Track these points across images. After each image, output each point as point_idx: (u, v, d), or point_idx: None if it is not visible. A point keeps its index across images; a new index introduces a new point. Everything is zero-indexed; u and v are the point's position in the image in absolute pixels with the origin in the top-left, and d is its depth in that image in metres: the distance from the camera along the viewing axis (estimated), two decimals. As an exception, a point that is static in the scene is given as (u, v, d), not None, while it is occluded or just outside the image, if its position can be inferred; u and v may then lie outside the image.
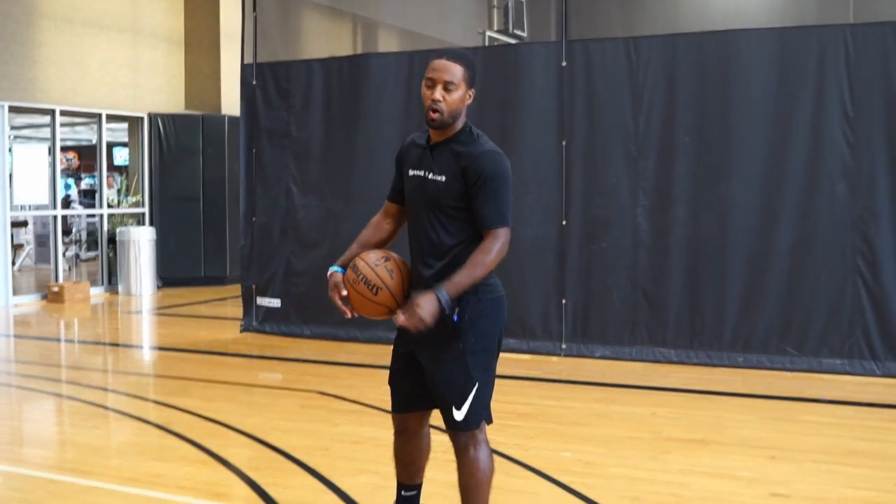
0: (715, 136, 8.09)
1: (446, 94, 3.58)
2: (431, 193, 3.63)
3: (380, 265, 3.64)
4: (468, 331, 3.60)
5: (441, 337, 3.59)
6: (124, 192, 14.96)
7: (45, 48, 13.11)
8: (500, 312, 3.72)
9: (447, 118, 3.59)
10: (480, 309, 3.62)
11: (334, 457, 5.43)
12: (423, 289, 3.58)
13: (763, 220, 7.96)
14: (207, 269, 14.76)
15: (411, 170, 3.75)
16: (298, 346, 9.17)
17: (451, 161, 3.61)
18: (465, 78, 3.62)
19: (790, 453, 5.52)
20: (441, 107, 3.57)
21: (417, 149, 3.77)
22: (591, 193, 8.46)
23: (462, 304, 3.57)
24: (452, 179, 3.58)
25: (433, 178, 3.63)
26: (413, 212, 3.76)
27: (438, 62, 3.62)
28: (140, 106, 14.60)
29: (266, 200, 9.82)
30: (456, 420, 3.63)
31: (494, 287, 3.70)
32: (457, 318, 3.57)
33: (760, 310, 7.97)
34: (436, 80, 3.59)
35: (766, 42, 7.97)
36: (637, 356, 8.27)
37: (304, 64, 9.75)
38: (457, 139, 3.65)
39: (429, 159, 3.68)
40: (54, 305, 12.62)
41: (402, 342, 3.80)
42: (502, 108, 8.74)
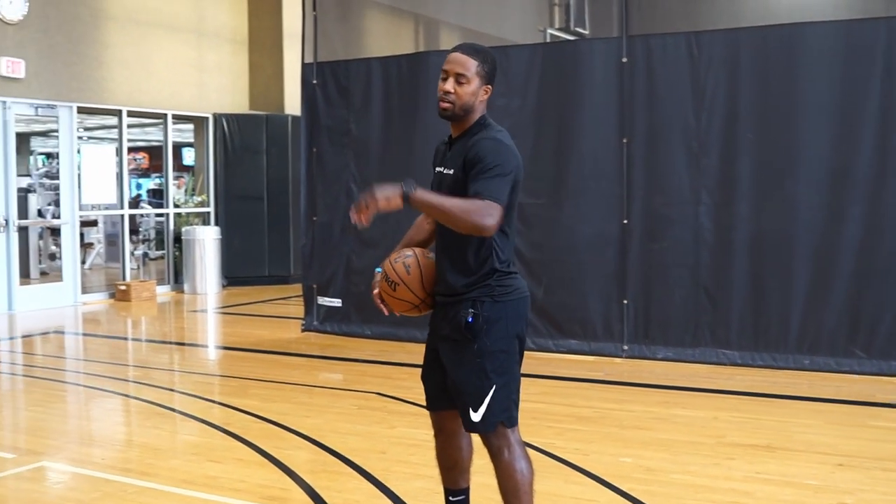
0: (779, 132, 7.90)
1: (458, 87, 3.57)
2: (445, 188, 3.61)
3: (399, 261, 3.70)
4: (484, 332, 3.56)
5: (458, 338, 3.58)
6: (190, 191, 15.12)
7: (112, 49, 13.30)
8: (518, 313, 3.66)
9: (457, 111, 3.59)
10: (497, 310, 3.59)
11: (390, 460, 5.40)
12: (445, 286, 3.62)
13: (829, 217, 7.76)
14: (271, 268, 14.87)
15: (437, 167, 3.78)
16: (358, 345, 9.17)
17: (460, 153, 3.60)
18: (478, 72, 3.60)
19: (859, 460, 5.36)
20: (451, 98, 3.57)
21: (443, 146, 3.81)
22: (652, 191, 8.33)
23: (477, 306, 3.56)
24: (459, 171, 3.56)
25: (447, 172, 3.64)
26: None
27: (454, 55, 3.63)
28: (205, 106, 14.75)
29: (326, 199, 9.84)
30: (473, 422, 3.61)
31: (513, 288, 3.64)
32: (471, 320, 3.54)
33: (827, 310, 7.77)
34: (449, 73, 3.60)
35: (832, 35, 7.75)
36: (700, 358, 8.12)
37: (364, 62, 9.75)
38: (470, 132, 3.64)
39: (447, 154, 3.71)
40: (121, 304, 12.82)
41: (430, 339, 3.81)
42: (562, 105, 8.64)
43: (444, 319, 3.64)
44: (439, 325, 3.68)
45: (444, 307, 3.65)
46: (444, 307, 3.65)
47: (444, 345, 3.66)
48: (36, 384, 7.86)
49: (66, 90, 12.68)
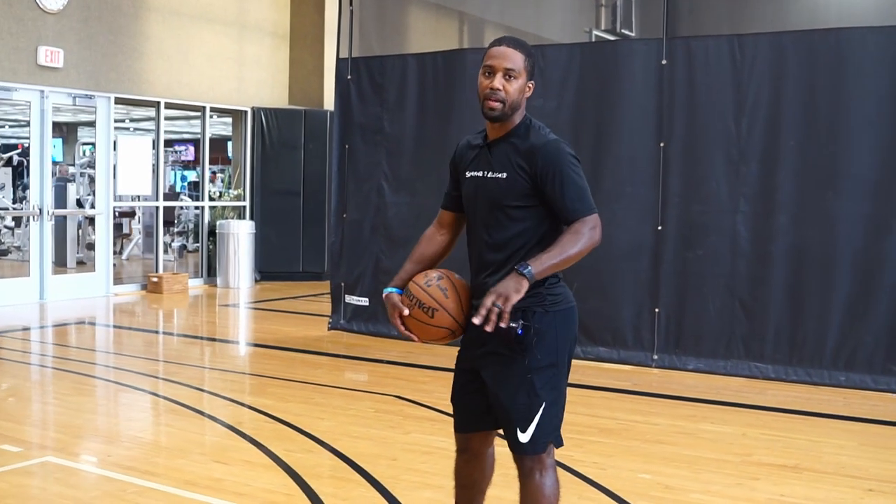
0: (823, 141, 7.62)
1: (507, 84, 3.32)
2: (492, 193, 3.36)
3: (432, 285, 3.37)
4: (534, 346, 3.32)
5: (505, 352, 3.33)
6: (227, 184, 15.07)
7: (152, 41, 13.26)
8: (569, 325, 3.44)
9: (507, 109, 3.34)
10: (548, 321, 3.35)
11: (400, 467, 5.23)
12: None
13: (872, 230, 7.47)
14: (306, 264, 14.77)
15: (468, 171, 3.49)
16: (384, 346, 9.01)
17: (512, 156, 3.35)
18: (525, 67, 3.36)
19: (891, 486, 5.10)
20: (501, 96, 3.32)
21: (474, 149, 3.52)
22: (689, 198, 8.08)
23: (528, 316, 3.31)
24: (515, 175, 3.32)
25: (493, 176, 3.37)
26: (473, 216, 3.49)
27: (498, 49, 3.36)
28: (244, 100, 14.68)
29: (357, 197, 9.70)
30: (521, 443, 3.35)
31: (564, 297, 3.43)
32: (521, 332, 3.27)
33: (866, 326, 7.48)
34: (495, 68, 3.34)
35: (882, 41, 7.45)
36: (732, 370, 7.86)
37: (399, 59, 9.59)
38: (516, 133, 3.38)
39: (486, 158, 3.42)
40: (153, 296, 12.77)
41: (466, 357, 3.54)
42: (599, 107, 8.43)
43: (486, 334, 3.30)
44: (479, 340, 3.38)
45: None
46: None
47: (486, 361, 3.40)
48: (54, 376, 7.79)
49: (105, 81, 12.65)
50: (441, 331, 3.36)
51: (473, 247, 3.49)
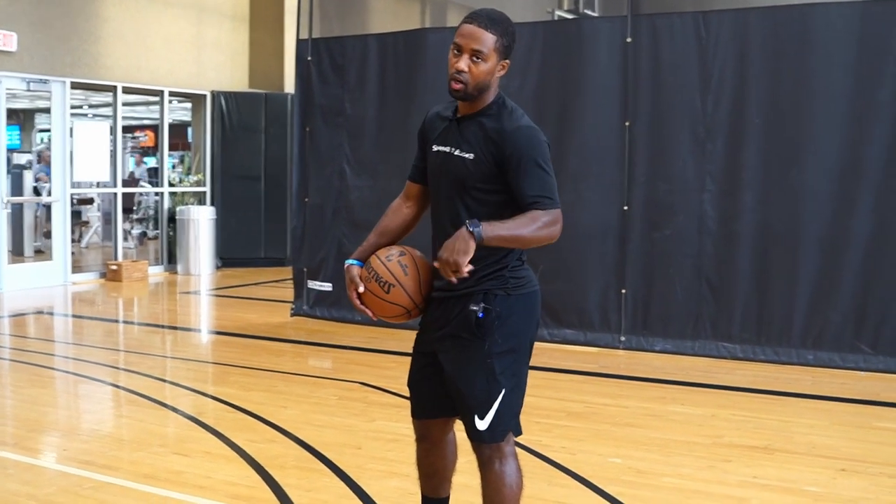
0: (788, 118, 7.56)
1: (472, 65, 3.16)
2: (458, 173, 3.23)
3: (392, 260, 3.25)
4: (494, 329, 3.19)
5: (465, 336, 3.21)
6: (186, 170, 14.82)
7: (109, 24, 12.97)
8: (531, 310, 3.31)
9: (471, 90, 3.18)
10: (509, 305, 3.22)
11: (365, 456, 5.11)
12: (446, 287, 3.21)
13: (838, 208, 7.42)
14: (267, 249, 14.58)
15: (435, 145, 3.34)
16: (348, 331, 8.87)
17: (481, 137, 3.20)
18: (497, 48, 3.18)
19: (863, 465, 5.04)
20: (465, 77, 3.16)
21: (443, 121, 3.36)
22: (655, 177, 8.00)
23: (489, 299, 3.19)
24: (482, 157, 3.18)
25: (460, 154, 3.23)
26: (437, 193, 3.35)
27: (468, 27, 3.18)
28: (203, 83, 14.43)
29: (319, 181, 9.53)
30: (479, 430, 3.23)
31: (527, 280, 3.30)
32: (482, 315, 3.17)
33: (833, 304, 7.44)
34: (463, 48, 3.17)
35: (847, 17, 7.39)
36: (700, 351, 7.80)
37: (360, 39, 9.41)
38: (487, 112, 3.24)
39: (455, 133, 3.28)
40: (112, 284, 12.54)
41: (424, 340, 3.41)
42: (563, 86, 8.32)
43: (445, 317, 3.26)
44: (438, 323, 3.29)
45: (447, 303, 3.26)
46: (447, 303, 3.26)
47: (445, 344, 3.27)
48: (10, 368, 7.58)
49: (60, 65, 12.36)
50: (396, 308, 3.25)
51: (437, 224, 3.36)
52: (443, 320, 3.29)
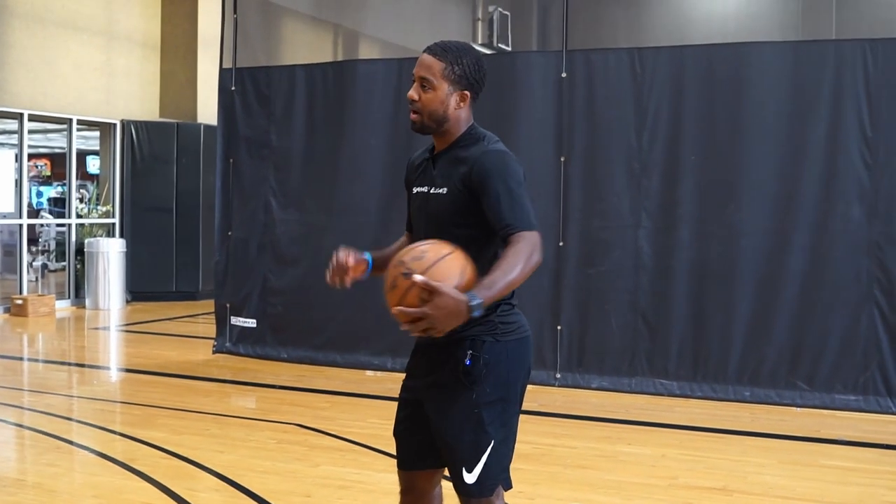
0: (723, 155, 7.59)
1: (423, 94, 3.06)
2: (434, 210, 3.08)
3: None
4: (483, 378, 3.00)
5: (451, 384, 3.02)
6: (94, 201, 14.34)
7: (15, 49, 12.49)
8: (523, 356, 3.11)
9: (426, 120, 3.07)
10: (499, 352, 3.03)
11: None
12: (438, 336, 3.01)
13: (773, 245, 7.47)
14: (179, 283, 14.16)
15: (416, 187, 3.21)
16: (274, 370, 8.59)
17: (454, 169, 3.06)
18: (446, 76, 3.04)
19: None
20: (417, 107, 3.07)
21: (421, 164, 3.23)
22: (590, 213, 7.95)
23: (477, 346, 3.01)
24: (455, 190, 3.03)
25: (435, 192, 3.09)
26: (417, 234, 3.17)
27: (422, 56, 3.10)
28: (113, 112, 13.99)
29: (243, 214, 9.25)
30: (467, 484, 3.03)
31: (517, 326, 3.10)
32: (469, 362, 2.99)
33: (769, 340, 7.47)
34: (414, 77, 3.09)
35: (780, 56, 7.49)
36: (637, 388, 7.74)
37: (287, 69, 9.20)
38: (459, 144, 3.10)
39: (430, 172, 3.14)
40: (17, 319, 12.00)
41: (410, 387, 3.21)
42: (496, 120, 8.14)
43: (430, 364, 3.09)
44: (424, 371, 3.13)
45: (433, 350, 3.08)
46: (433, 350, 3.08)
47: (431, 393, 3.09)
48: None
49: (-38, 91, 11.86)
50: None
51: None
52: (428, 368, 3.12)
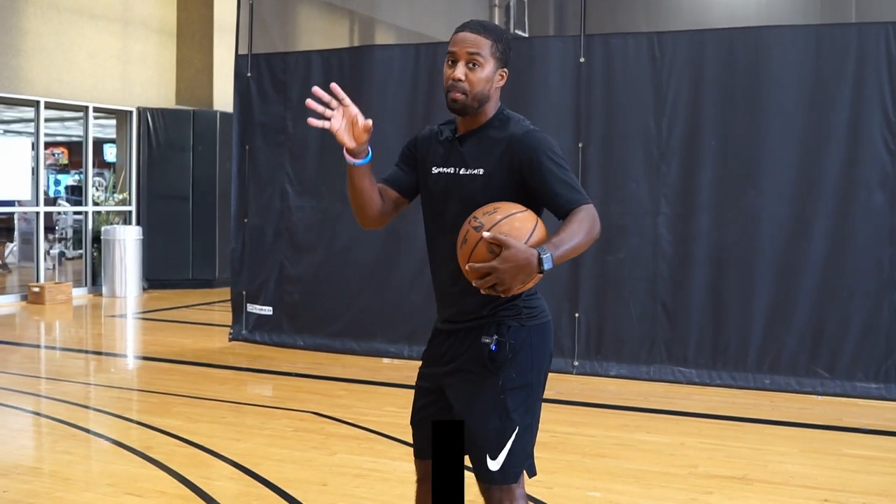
0: (743, 140, 7.50)
1: (470, 73, 2.96)
2: (467, 192, 2.98)
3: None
4: (508, 363, 2.95)
5: (475, 371, 2.97)
6: (111, 189, 14.34)
7: (31, 36, 12.48)
8: (546, 341, 3.07)
9: (471, 101, 2.97)
10: (524, 337, 2.98)
11: (333, 493, 4.83)
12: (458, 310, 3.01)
13: (794, 231, 7.39)
14: (195, 271, 14.15)
15: (435, 167, 3.10)
16: (291, 357, 8.56)
17: (489, 150, 2.98)
18: (494, 53, 2.99)
19: (844, 495, 4.92)
20: (464, 87, 2.95)
21: (442, 143, 3.12)
22: (608, 200, 7.86)
23: (502, 331, 2.96)
24: (493, 171, 2.95)
25: (468, 173, 2.99)
26: (440, 217, 3.08)
27: (461, 34, 3.00)
28: (129, 99, 13.98)
29: (259, 201, 9.21)
30: (490, 471, 2.98)
31: (540, 310, 3.06)
32: (495, 348, 2.94)
33: (789, 327, 7.39)
34: (458, 56, 2.98)
35: (801, 40, 7.38)
36: (655, 376, 7.68)
37: (303, 55, 9.14)
38: (492, 125, 3.02)
39: (458, 153, 3.04)
40: (34, 307, 12.01)
41: (429, 375, 3.15)
42: (514, 105, 7.92)
43: (453, 350, 3.04)
44: (446, 357, 3.07)
45: (455, 335, 3.04)
46: (455, 335, 3.04)
47: (453, 379, 3.04)
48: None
49: (-22, 78, 11.86)
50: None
51: (440, 250, 3.09)
52: (451, 354, 3.06)
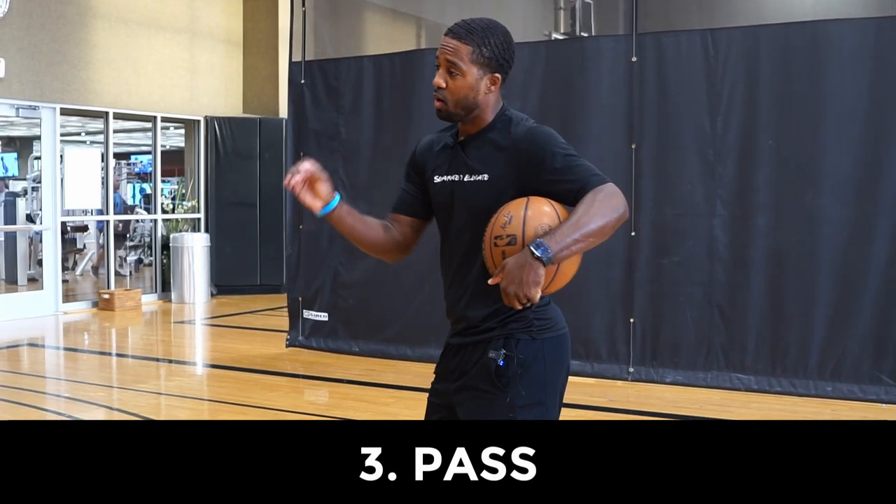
0: (802, 139, 7.25)
1: (451, 80, 2.82)
2: (472, 199, 2.85)
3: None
4: (518, 379, 2.80)
5: (484, 388, 2.82)
6: (180, 197, 14.55)
7: (99, 49, 12.71)
8: (561, 355, 2.91)
9: (453, 109, 2.84)
10: (535, 351, 2.83)
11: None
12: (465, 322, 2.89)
13: (855, 232, 7.11)
14: (263, 276, 14.26)
15: (438, 176, 2.97)
16: (345, 363, 8.54)
17: (492, 153, 2.85)
18: (476, 60, 2.82)
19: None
20: (443, 94, 2.83)
21: (442, 150, 3.00)
22: (662, 201, 7.68)
23: (511, 345, 2.82)
24: (499, 174, 2.82)
25: (473, 179, 2.86)
26: (446, 227, 2.98)
27: (444, 38, 2.84)
28: (196, 109, 14.16)
29: (314, 207, 9.21)
30: None
31: (554, 321, 2.92)
32: (502, 363, 2.80)
33: (852, 333, 7.12)
34: (439, 62, 2.85)
35: (861, 34, 7.10)
36: (712, 382, 7.47)
37: (355, 61, 9.13)
38: (494, 128, 2.89)
39: (461, 159, 2.91)
40: (104, 313, 12.21)
41: (440, 391, 3.02)
42: (566, 107, 8.01)
43: (462, 366, 2.90)
44: (455, 374, 2.93)
45: (464, 350, 2.91)
46: (464, 350, 2.91)
47: (462, 397, 2.90)
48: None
49: (49, 91, 12.09)
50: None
51: (450, 261, 2.98)
52: (460, 370, 2.92)
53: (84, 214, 14.91)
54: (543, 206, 2.73)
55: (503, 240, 2.68)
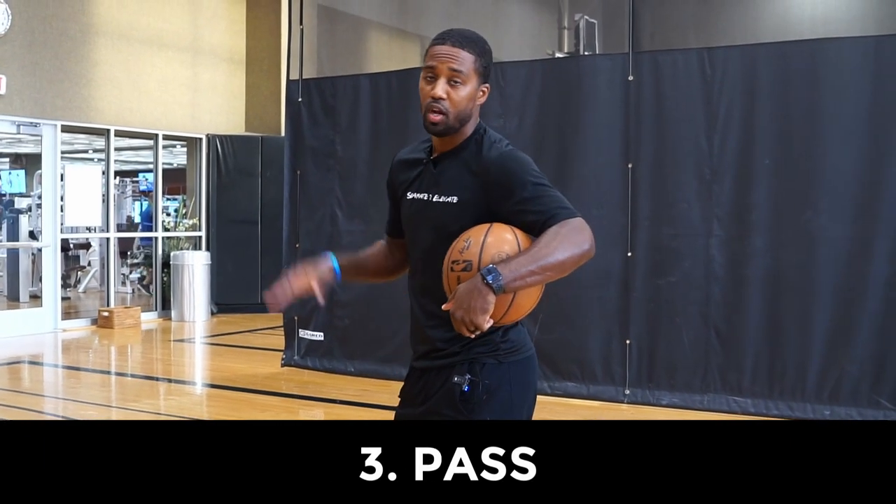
0: (799, 158, 7.17)
1: (451, 90, 2.71)
2: (439, 220, 2.76)
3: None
4: (483, 405, 2.72)
5: (448, 414, 2.74)
6: (181, 215, 14.52)
7: (101, 67, 12.70)
8: (527, 378, 2.82)
9: (452, 121, 2.73)
10: (501, 375, 2.74)
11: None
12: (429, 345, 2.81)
13: (854, 252, 7.02)
14: (264, 295, 14.15)
15: (409, 192, 2.88)
16: (339, 383, 8.47)
17: (463, 175, 2.75)
18: (476, 69, 2.74)
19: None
20: (444, 106, 2.71)
21: (415, 165, 2.91)
22: (659, 221, 7.60)
23: (475, 369, 2.73)
24: (468, 198, 2.71)
25: (441, 200, 2.76)
26: (413, 245, 2.90)
27: (442, 47, 2.73)
28: (198, 126, 14.14)
29: (310, 225, 9.18)
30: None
31: (520, 344, 2.81)
32: (467, 388, 2.72)
33: (850, 355, 7.01)
34: (439, 71, 2.72)
35: (859, 52, 7.03)
36: (709, 405, 7.37)
37: (351, 79, 9.09)
38: (466, 147, 2.78)
39: (431, 177, 2.82)
40: (103, 331, 12.15)
41: (404, 416, 2.95)
42: (562, 126, 7.95)
43: (425, 391, 2.82)
44: (419, 398, 2.85)
45: (428, 374, 2.83)
46: (428, 374, 2.83)
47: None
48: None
49: (51, 108, 12.08)
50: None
51: (418, 283, 2.90)
52: (423, 395, 2.84)
53: (88, 231, 14.87)
54: (505, 233, 2.63)
55: (459, 265, 2.60)
